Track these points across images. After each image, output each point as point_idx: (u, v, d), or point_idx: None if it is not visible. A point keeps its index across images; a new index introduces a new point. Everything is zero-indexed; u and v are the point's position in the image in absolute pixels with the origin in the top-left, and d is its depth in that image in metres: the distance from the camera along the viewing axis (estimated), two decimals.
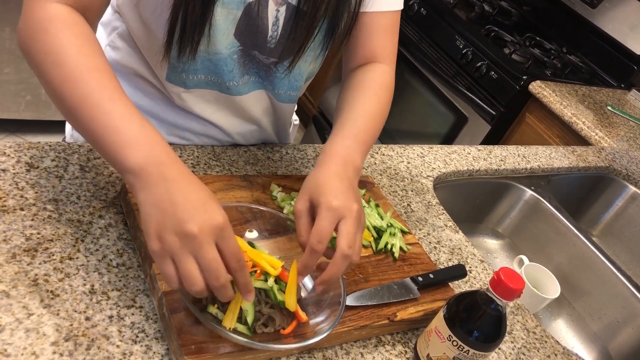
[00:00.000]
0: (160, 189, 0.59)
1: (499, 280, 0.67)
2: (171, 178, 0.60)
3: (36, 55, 0.67)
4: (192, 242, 0.57)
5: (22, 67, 2.15)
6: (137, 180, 0.60)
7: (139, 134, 0.62)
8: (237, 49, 0.83)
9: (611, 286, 1.23)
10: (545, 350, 0.90)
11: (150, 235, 0.58)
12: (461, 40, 2.22)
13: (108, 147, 0.63)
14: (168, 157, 0.62)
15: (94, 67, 0.66)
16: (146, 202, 0.60)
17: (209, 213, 0.58)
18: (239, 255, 0.59)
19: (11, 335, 0.58)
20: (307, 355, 0.71)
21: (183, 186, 0.60)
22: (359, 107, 0.83)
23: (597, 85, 2.30)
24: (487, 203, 1.38)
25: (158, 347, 0.63)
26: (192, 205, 0.58)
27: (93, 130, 0.63)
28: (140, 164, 0.60)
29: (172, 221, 0.57)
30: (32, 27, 0.68)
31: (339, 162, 0.73)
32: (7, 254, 0.65)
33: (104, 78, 0.65)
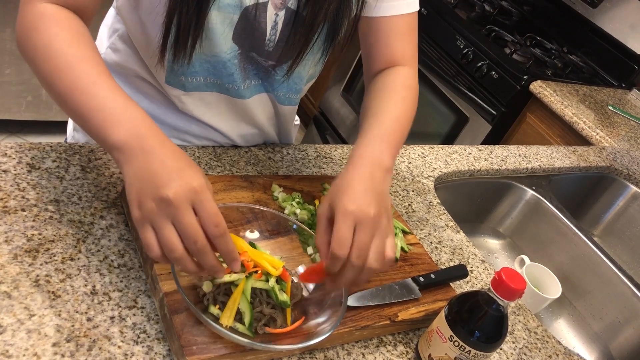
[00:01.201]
0: (139, 160, 0.61)
1: (500, 281, 0.67)
2: (150, 148, 0.61)
3: (29, 52, 0.70)
4: (168, 207, 0.57)
5: (23, 68, 2.15)
6: (120, 155, 0.62)
7: (122, 111, 0.64)
8: (237, 53, 0.83)
9: (612, 286, 1.23)
10: (547, 350, 0.90)
11: (132, 203, 0.60)
12: (462, 40, 2.22)
13: (94, 127, 0.64)
14: (149, 130, 0.63)
15: (81, 56, 0.67)
16: (128, 174, 0.61)
17: (185, 178, 0.59)
18: (217, 219, 0.59)
19: (13, 336, 0.58)
20: (309, 356, 0.71)
21: (162, 155, 0.61)
22: (384, 110, 0.81)
23: (598, 84, 2.30)
24: (488, 203, 1.38)
25: (159, 348, 0.63)
26: (168, 171, 0.59)
27: (81, 113, 0.65)
28: (122, 139, 0.62)
29: (149, 188, 0.58)
30: (25, 27, 0.71)
31: (365, 165, 0.71)
32: (8, 255, 0.65)
33: (91, 65, 0.67)
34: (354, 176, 0.70)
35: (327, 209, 0.68)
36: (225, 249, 0.60)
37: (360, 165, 0.71)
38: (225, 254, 0.61)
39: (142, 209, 0.59)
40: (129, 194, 0.60)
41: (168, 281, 0.66)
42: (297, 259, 0.78)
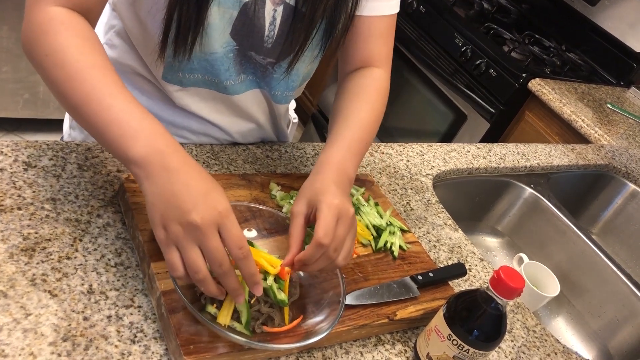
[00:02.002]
0: (162, 179, 0.60)
1: (499, 279, 0.67)
2: (173, 168, 0.61)
3: (38, 56, 0.68)
4: (195, 232, 0.58)
5: (20, 65, 2.14)
6: (140, 171, 0.62)
7: (140, 125, 0.63)
8: (233, 48, 0.83)
9: (611, 284, 1.23)
10: (545, 348, 0.89)
11: (155, 225, 0.60)
12: (460, 38, 2.21)
13: (111, 141, 0.64)
14: (169, 146, 0.63)
15: (94, 64, 0.66)
16: (150, 192, 0.61)
17: (211, 202, 0.60)
18: (241, 243, 0.60)
19: (9, 336, 0.58)
20: (307, 355, 0.70)
21: (185, 176, 0.61)
22: (354, 116, 0.84)
23: (597, 82, 2.30)
24: (487, 201, 1.38)
25: (157, 347, 0.63)
26: (194, 195, 0.59)
27: (96, 125, 0.64)
28: (142, 155, 0.62)
29: (175, 212, 0.59)
30: (33, 30, 0.69)
31: (334, 171, 0.75)
32: (4, 254, 0.65)
33: (104, 74, 0.66)
34: (327, 179, 0.73)
35: (304, 207, 0.71)
36: (248, 272, 0.61)
37: (330, 171, 0.75)
38: (247, 277, 0.62)
39: (167, 230, 0.60)
40: (152, 213, 0.61)
41: (165, 280, 0.66)
42: None
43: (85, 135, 0.98)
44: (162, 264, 0.67)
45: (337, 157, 0.77)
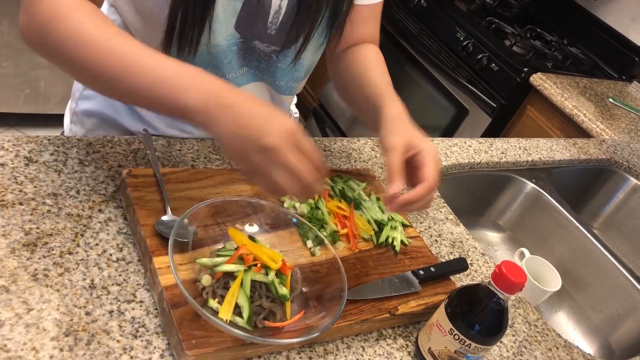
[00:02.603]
0: (227, 119, 0.62)
1: (500, 274, 0.66)
2: (230, 104, 0.62)
3: (55, 42, 0.68)
4: (275, 154, 0.61)
5: (20, 60, 2.14)
6: (202, 117, 0.63)
7: (183, 76, 0.64)
8: (237, 41, 0.83)
9: (612, 279, 1.23)
10: (547, 343, 0.89)
11: (236, 160, 0.64)
12: (462, 32, 2.21)
13: (162, 100, 0.64)
14: (219, 86, 0.64)
15: (114, 34, 0.67)
16: (220, 135, 0.63)
17: (278, 122, 0.62)
18: (317, 154, 0.64)
19: (11, 331, 0.58)
20: (308, 349, 0.71)
21: (243, 107, 0.62)
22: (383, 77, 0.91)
23: (599, 77, 2.29)
24: (488, 196, 1.38)
25: (158, 342, 0.63)
26: (260, 121, 0.62)
27: (140, 91, 0.65)
28: (200, 101, 0.63)
29: (249, 142, 0.61)
30: (39, 19, 0.68)
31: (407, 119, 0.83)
32: (6, 249, 0.65)
33: (128, 41, 0.67)
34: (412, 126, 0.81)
35: (402, 143, 0.77)
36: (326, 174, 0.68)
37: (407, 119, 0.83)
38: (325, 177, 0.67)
39: (248, 162, 0.62)
40: (230, 152, 0.63)
41: (167, 275, 0.66)
42: (296, 252, 0.78)
43: (87, 130, 0.98)
44: (163, 259, 0.67)
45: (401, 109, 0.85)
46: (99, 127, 0.97)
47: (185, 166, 0.88)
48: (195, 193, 0.79)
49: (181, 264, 0.67)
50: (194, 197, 0.79)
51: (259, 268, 0.67)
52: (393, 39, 2.48)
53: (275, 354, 0.68)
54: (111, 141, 0.86)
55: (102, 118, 0.96)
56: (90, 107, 0.96)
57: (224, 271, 0.67)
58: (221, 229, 0.75)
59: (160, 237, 0.70)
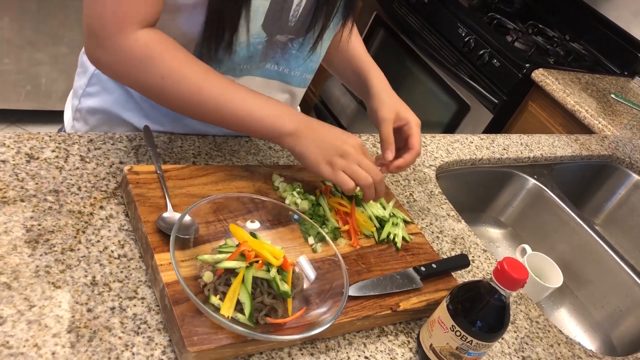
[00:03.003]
0: (313, 136, 0.81)
1: (502, 271, 0.66)
2: (315, 127, 0.82)
3: (152, 80, 0.76)
4: (352, 156, 0.82)
5: (21, 57, 2.13)
6: (294, 138, 0.81)
7: (275, 107, 0.81)
8: (263, 40, 0.85)
9: (614, 275, 1.23)
10: (548, 339, 0.89)
11: (320, 165, 0.81)
12: (463, 28, 2.20)
13: (260, 126, 0.80)
14: (302, 116, 0.82)
15: (205, 71, 0.78)
16: (307, 148, 0.81)
17: (350, 138, 0.84)
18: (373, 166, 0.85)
19: (13, 327, 0.58)
20: (310, 346, 0.71)
21: (324, 129, 0.83)
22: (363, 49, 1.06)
23: (601, 73, 2.29)
24: (490, 192, 1.38)
25: (160, 339, 0.63)
26: (337, 137, 0.83)
27: (238, 120, 0.80)
28: (294, 127, 0.81)
29: (332, 150, 0.81)
30: (130, 57, 0.75)
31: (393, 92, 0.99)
32: (7, 246, 0.65)
33: (218, 77, 0.79)
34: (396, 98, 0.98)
35: (392, 114, 0.94)
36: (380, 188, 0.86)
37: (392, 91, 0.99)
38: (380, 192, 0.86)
39: (332, 164, 0.81)
40: (315, 160, 0.81)
41: (168, 272, 0.66)
42: (298, 249, 0.78)
43: (90, 127, 0.98)
44: (165, 256, 0.67)
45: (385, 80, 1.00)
46: (104, 124, 0.97)
47: (186, 163, 0.88)
48: (197, 190, 0.79)
49: (182, 261, 0.67)
50: (195, 194, 0.79)
51: (260, 265, 0.67)
52: (394, 34, 2.47)
53: (277, 350, 0.68)
54: (112, 138, 0.86)
55: (106, 115, 0.96)
56: (95, 104, 0.96)
57: (226, 268, 0.67)
58: (222, 225, 0.75)
59: (162, 233, 0.70)
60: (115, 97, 0.94)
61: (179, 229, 0.68)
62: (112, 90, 0.94)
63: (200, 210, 0.72)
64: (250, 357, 0.66)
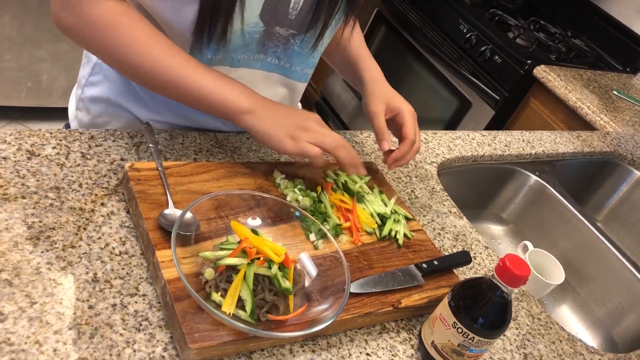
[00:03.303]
0: (271, 114, 0.82)
1: (504, 267, 0.66)
2: (270, 104, 0.82)
3: (113, 49, 0.78)
4: (315, 128, 0.82)
5: (22, 53, 2.13)
6: (251, 117, 0.80)
7: (233, 87, 0.81)
8: (260, 29, 0.85)
9: (616, 272, 1.22)
10: (550, 336, 0.89)
11: (282, 140, 0.81)
12: (465, 25, 2.19)
13: (216, 104, 0.80)
14: (258, 95, 0.83)
15: (168, 46, 0.78)
16: (266, 126, 0.81)
17: (309, 114, 0.85)
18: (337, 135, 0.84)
19: (14, 324, 0.58)
20: (311, 342, 0.71)
21: (281, 106, 0.83)
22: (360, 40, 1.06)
23: (603, 69, 2.28)
24: (492, 189, 1.37)
25: (162, 335, 0.63)
26: (296, 113, 0.83)
27: (193, 97, 0.80)
28: (250, 105, 0.80)
29: (293, 125, 0.81)
30: (94, 24, 0.77)
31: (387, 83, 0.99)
32: (9, 243, 0.65)
33: (180, 53, 0.79)
34: (389, 88, 0.97)
35: (382, 107, 0.94)
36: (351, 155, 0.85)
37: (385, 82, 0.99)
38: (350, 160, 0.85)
39: (295, 138, 0.80)
40: (276, 135, 0.81)
41: (170, 268, 0.66)
42: (299, 246, 0.78)
43: (92, 116, 0.98)
44: (166, 252, 0.67)
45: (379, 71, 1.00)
46: (105, 113, 0.97)
47: (187, 159, 0.88)
48: (198, 186, 0.79)
49: (184, 258, 0.67)
50: (197, 191, 0.78)
51: (261, 261, 0.67)
52: (396, 31, 2.46)
53: (278, 347, 0.68)
54: (113, 134, 0.86)
55: (108, 104, 0.96)
56: (97, 93, 0.97)
57: (227, 264, 0.67)
58: (224, 222, 0.74)
59: (163, 230, 0.70)
60: (116, 87, 0.95)
61: (180, 225, 0.68)
62: (114, 79, 0.94)
63: (202, 207, 0.72)
64: (252, 353, 0.66)
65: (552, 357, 0.86)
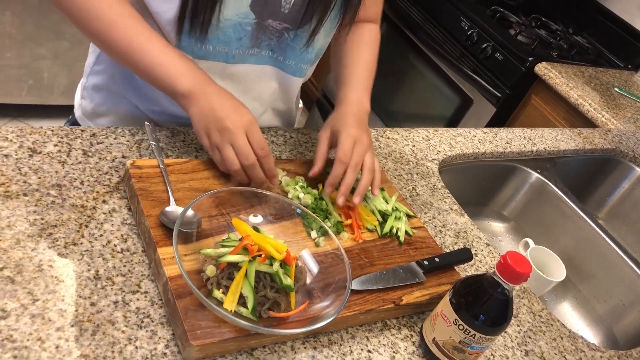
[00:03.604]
0: (204, 102, 0.78)
1: (505, 264, 0.66)
2: (210, 92, 0.78)
3: (72, 11, 0.79)
4: (228, 134, 0.77)
5: (23, 51, 2.13)
6: (187, 101, 0.78)
7: (180, 65, 0.78)
8: (252, 21, 0.85)
9: (617, 269, 1.22)
10: (551, 333, 0.89)
11: (201, 136, 0.79)
12: (466, 22, 2.19)
13: (159, 79, 0.79)
14: (204, 78, 0.79)
15: (124, 13, 0.78)
16: (195, 113, 0.78)
17: (240, 113, 0.78)
18: (263, 144, 0.78)
19: (17, 321, 0.58)
20: (313, 339, 0.71)
21: (219, 97, 0.78)
22: (359, 58, 0.99)
23: (604, 66, 2.28)
24: (493, 186, 1.37)
25: (163, 332, 0.63)
26: (227, 108, 0.78)
27: (141, 68, 0.79)
28: (188, 88, 0.78)
29: (213, 122, 0.77)
30: None
31: (353, 105, 0.92)
32: (11, 240, 0.65)
33: (136, 22, 0.78)
34: (347, 112, 0.90)
35: (328, 133, 0.89)
36: (267, 167, 0.79)
37: (350, 106, 0.91)
38: (267, 171, 0.80)
39: (209, 137, 0.78)
40: (198, 128, 0.79)
41: (171, 266, 0.66)
42: (300, 243, 0.78)
43: (95, 105, 1.00)
44: (168, 250, 0.67)
45: (353, 95, 0.93)
46: (106, 102, 0.98)
47: (189, 157, 0.88)
48: (199, 184, 0.79)
49: (185, 255, 0.67)
50: (198, 188, 0.79)
51: (263, 259, 0.67)
52: (397, 28, 2.46)
53: (280, 344, 0.68)
54: (115, 132, 0.86)
55: (109, 92, 0.98)
56: (99, 81, 0.98)
57: (229, 262, 0.67)
58: (225, 219, 0.74)
59: (165, 227, 0.70)
60: (117, 75, 0.96)
61: (182, 223, 0.68)
62: (116, 67, 0.96)
63: (203, 204, 0.72)
64: (253, 350, 0.66)
65: (554, 354, 0.86)
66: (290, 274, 0.69)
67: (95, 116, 1.00)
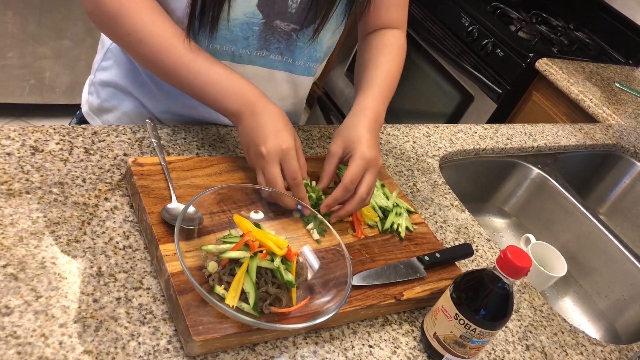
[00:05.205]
0: (249, 122, 0.78)
1: (505, 259, 0.67)
2: (257, 112, 0.78)
3: (119, 36, 0.81)
4: (262, 161, 0.77)
5: (25, 51, 2.14)
6: (236, 119, 0.80)
7: (229, 83, 0.79)
8: (259, 21, 0.85)
9: (618, 264, 1.23)
10: (552, 328, 0.90)
11: (244, 153, 0.81)
12: (467, 18, 2.19)
13: (209, 98, 0.80)
14: (254, 96, 0.79)
15: (172, 34, 0.79)
16: (240, 132, 0.80)
17: (279, 139, 0.77)
18: (295, 174, 0.78)
19: (20, 318, 0.59)
20: (314, 335, 0.71)
21: (264, 118, 0.78)
22: (381, 67, 0.95)
23: (605, 62, 2.28)
24: (494, 182, 1.38)
25: (166, 328, 0.64)
26: (267, 132, 0.77)
27: (191, 88, 0.80)
28: (237, 107, 0.79)
29: (252, 145, 0.78)
30: (107, 12, 0.79)
31: (370, 117, 0.87)
32: (14, 237, 0.66)
33: (184, 42, 0.79)
34: (364, 125, 0.85)
35: (340, 149, 0.84)
36: (297, 195, 0.79)
37: (367, 117, 0.86)
38: (297, 198, 0.79)
39: (249, 157, 0.80)
40: (242, 146, 0.81)
41: (173, 262, 0.66)
42: (301, 239, 0.78)
43: (101, 100, 1.00)
44: (170, 246, 0.68)
45: (372, 104, 0.89)
46: (113, 98, 0.99)
47: (190, 154, 0.88)
48: (201, 181, 0.80)
49: (187, 251, 0.68)
50: (199, 185, 0.79)
51: (264, 254, 0.68)
52: None
53: (282, 339, 0.69)
54: (116, 130, 0.87)
55: (116, 88, 0.98)
56: (106, 77, 0.99)
57: (230, 258, 0.67)
58: (227, 216, 0.75)
59: (166, 224, 0.70)
60: (124, 72, 0.96)
61: (184, 219, 0.68)
62: (123, 64, 0.96)
63: (204, 201, 0.73)
64: (255, 346, 0.66)
65: (554, 348, 0.86)
66: (292, 269, 0.69)
67: (102, 112, 1.01)
